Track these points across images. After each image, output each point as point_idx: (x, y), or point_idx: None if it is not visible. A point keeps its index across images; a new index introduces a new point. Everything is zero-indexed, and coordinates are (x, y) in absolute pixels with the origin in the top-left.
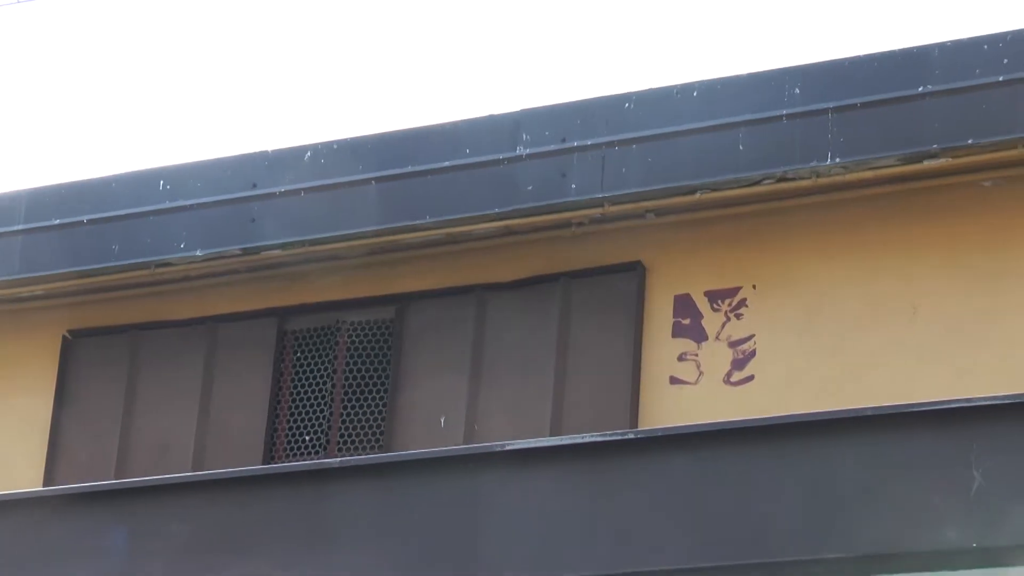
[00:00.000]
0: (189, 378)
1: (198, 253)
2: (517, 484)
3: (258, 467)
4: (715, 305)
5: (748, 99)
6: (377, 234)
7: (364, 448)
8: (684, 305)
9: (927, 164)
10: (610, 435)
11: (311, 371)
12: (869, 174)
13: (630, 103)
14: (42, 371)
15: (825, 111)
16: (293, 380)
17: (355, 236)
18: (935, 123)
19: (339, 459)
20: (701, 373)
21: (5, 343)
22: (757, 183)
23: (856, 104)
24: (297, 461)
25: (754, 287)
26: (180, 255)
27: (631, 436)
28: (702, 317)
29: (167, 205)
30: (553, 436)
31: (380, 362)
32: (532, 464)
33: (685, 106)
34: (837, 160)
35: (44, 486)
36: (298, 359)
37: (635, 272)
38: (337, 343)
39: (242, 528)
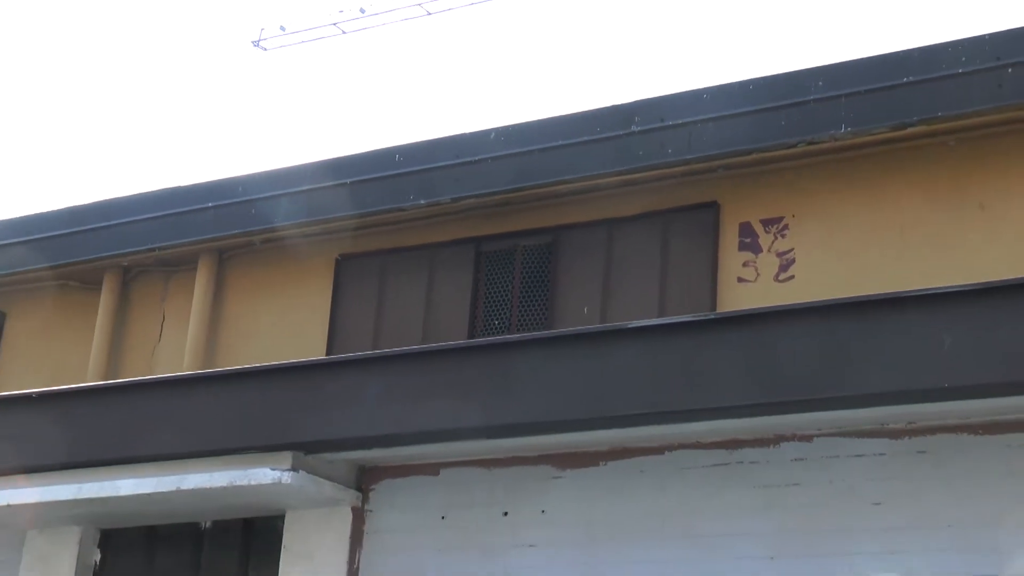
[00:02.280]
0: (417, 285)
1: (422, 202)
2: (636, 348)
3: (465, 340)
4: (767, 229)
5: (789, 89)
6: (542, 185)
7: (533, 328)
8: (745, 229)
9: (909, 130)
10: (698, 316)
11: (498, 279)
12: (869, 138)
13: (708, 95)
14: (323, 282)
15: (839, 96)
16: (486, 285)
17: (532, 187)
18: (914, 102)
19: (518, 335)
20: (758, 274)
21: (299, 263)
22: (794, 146)
23: (860, 91)
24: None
25: (793, 216)
26: (410, 204)
27: (712, 316)
28: (758, 237)
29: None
30: (659, 317)
31: (543, 272)
32: (646, 335)
33: (743, 95)
34: (848, 128)
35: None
36: (489, 271)
37: (712, 208)
38: (514, 260)
39: (452, 382)
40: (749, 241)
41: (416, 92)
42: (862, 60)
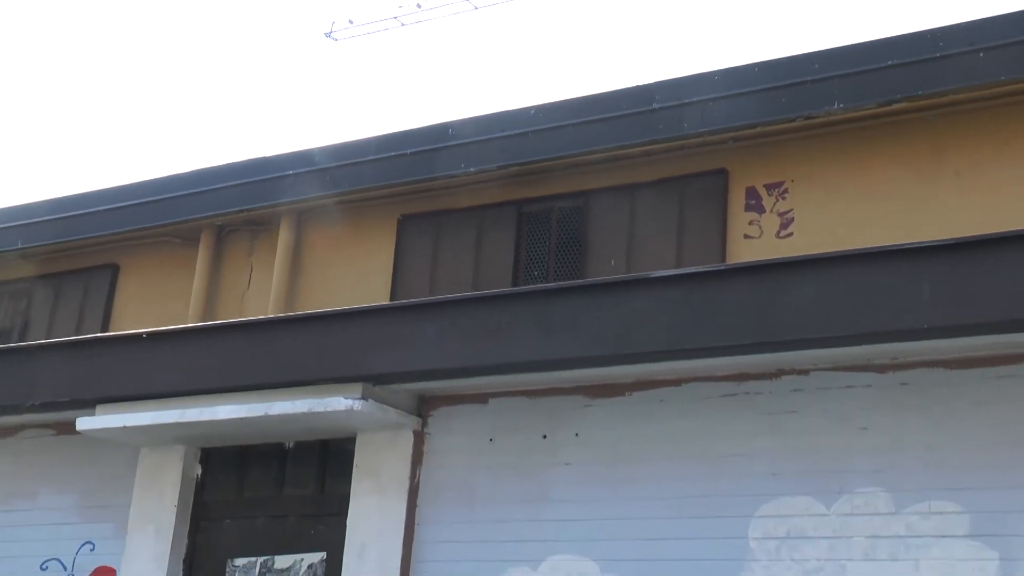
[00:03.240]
0: (467, 241)
1: (471, 169)
2: (656, 295)
3: (510, 288)
4: (769, 192)
5: (788, 71)
6: (575, 155)
7: (568, 278)
8: (751, 193)
9: (894, 106)
10: (710, 267)
11: (537, 236)
12: (859, 113)
13: (718, 77)
14: (387, 238)
15: (832, 77)
16: (527, 241)
17: (566, 156)
18: (898, 82)
19: (555, 284)
20: (762, 232)
21: (366, 222)
22: (793, 120)
23: (850, 72)
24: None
25: (792, 181)
26: (461, 171)
27: (722, 267)
28: (762, 199)
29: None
30: (676, 268)
31: (576, 230)
32: (665, 284)
33: (749, 76)
34: (840, 105)
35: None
36: (529, 229)
37: (722, 175)
38: (551, 219)
39: (498, 324)
40: (754, 203)
41: (464, 76)
42: (852, 46)
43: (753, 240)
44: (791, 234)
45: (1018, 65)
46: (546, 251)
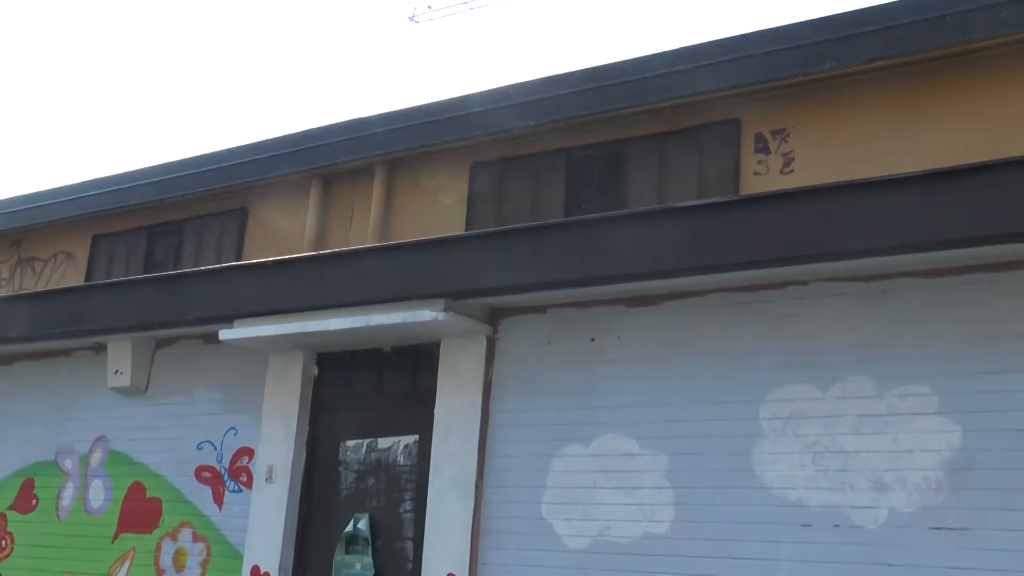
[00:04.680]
0: (527, 181)
1: (530, 123)
2: (683, 221)
3: (562, 218)
4: (774, 137)
5: (788, 36)
6: (612, 110)
7: (606, 210)
8: (759, 138)
9: (874, 64)
10: (726, 198)
11: (583, 177)
12: (846, 70)
13: (731, 43)
14: (462, 181)
15: (824, 41)
16: (575, 181)
17: (605, 111)
18: (877, 44)
19: (600, 214)
20: (768, 170)
21: (444, 168)
22: (793, 76)
23: (838, 37)
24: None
25: (793, 127)
26: (520, 125)
27: (736, 198)
28: (768, 143)
29: None
30: (697, 199)
31: (615, 171)
32: (690, 212)
33: (757, 41)
34: (831, 64)
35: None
36: (577, 171)
37: (735, 123)
38: (595, 163)
39: (554, 247)
40: (761, 146)
41: (523, 52)
42: (838, 15)
43: (761, 176)
44: (792, 171)
45: (974, 27)
46: (591, 189)
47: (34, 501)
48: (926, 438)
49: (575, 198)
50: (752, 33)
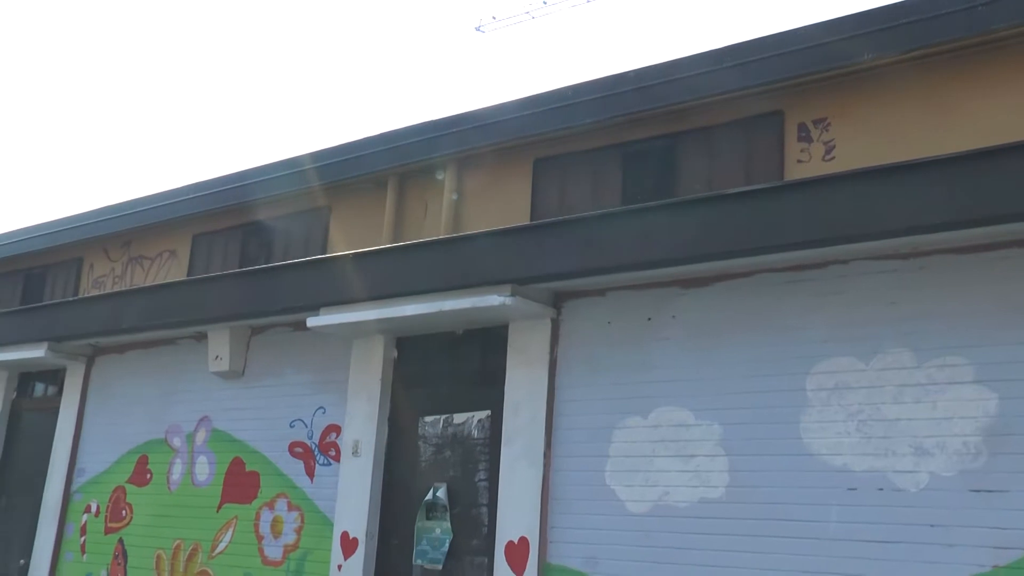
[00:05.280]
0: (585, 174)
1: (587, 121)
2: (732, 206)
3: (619, 206)
4: (816, 126)
5: (826, 31)
6: (666, 105)
7: (660, 197)
8: (802, 127)
9: (910, 54)
10: (772, 183)
11: (638, 168)
12: (883, 61)
13: (774, 40)
14: (526, 175)
15: (861, 34)
16: (630, 172)
17: (660, 107)
18: (909, 36)
19: (653, 202)
20: (811, 157)
21: (510, 164)
22: (832, 70)
23: (875, 30)
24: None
25: (833, 117)
26: (579, 123)
27: (781, 183)
28: (810, 131)
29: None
30: (745, 185)
31: (668, 162)
32: (738, 197)
33: (797, 38)
34: (868, 56)
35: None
36: (632, 163)
37: (779, 115)
38: (649, 155)
39: (611, 234)
40: (804, 135)
41: (581, 56)
42: (877, 9)
43: (804, 164)
44: (834, 158)
45: (1001, 16)
46: (646, 179)
47: (148, 475)
48: (964, 405)
49: (631, 189)
50: (795, 29)
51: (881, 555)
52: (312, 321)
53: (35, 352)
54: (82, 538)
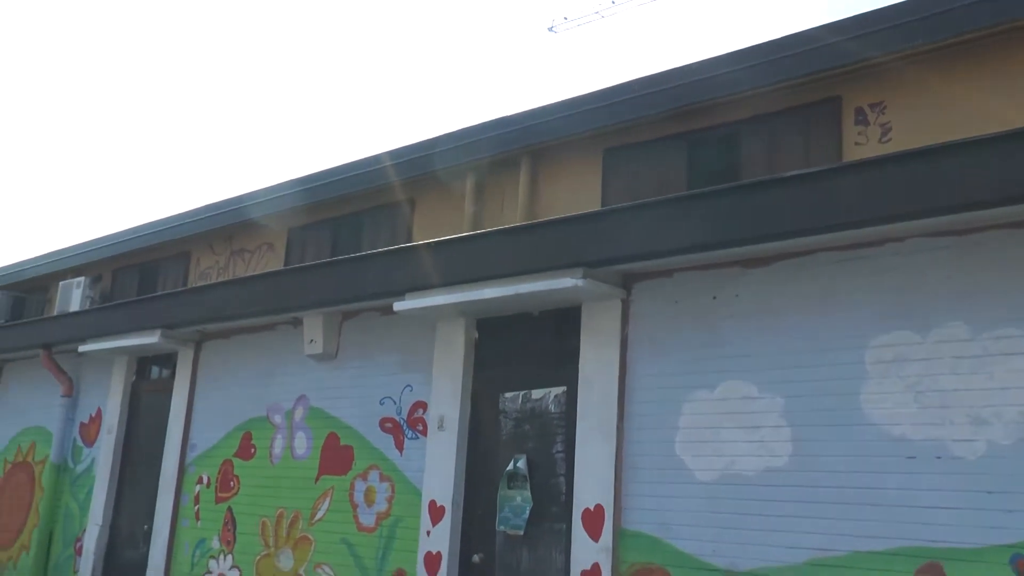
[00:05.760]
0: (652, 162)
1: (651, 112)
2: (791, 188)
3: (685, 191)
4: (872, 110)
5: (881, 19)
6: (727, 95)
7: (722, 183)
8: (859, 111)
9: (961, 37)
10: (831, 164)
11: (703, 155)
12: (934, 45)
13: (830, 28)
14: (596, 165)
15: (914, 20)
16: (695, 161)
17: (721, 96)
18: (954, 22)
19: (717, 186)
20: (868, 139)
21: (581, 155)
22: (891, 53)
23: (926, 15)
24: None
25: (889, 100)
26: (643, 114)
27: (838, 164)
28: (867, 115)
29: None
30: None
31: (731, 149)
32: (797, 180)
33: (854, 25)
34: (921, 41)
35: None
36: (697, 151)
37: (837, 100)
38: (712, 143)
39: (678, 218)
40: (861, 119)
41: (647, 54)
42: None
43: (862, 146)
44: (890, 139)
45: None
46: (708, 167)
47: (252, 450)
48: (1019, 376)
49: (695, 175)
50: (852, 16)
51: (939, 520)
52: (398, 305)
53: (150, 338)
54: (196, 506)
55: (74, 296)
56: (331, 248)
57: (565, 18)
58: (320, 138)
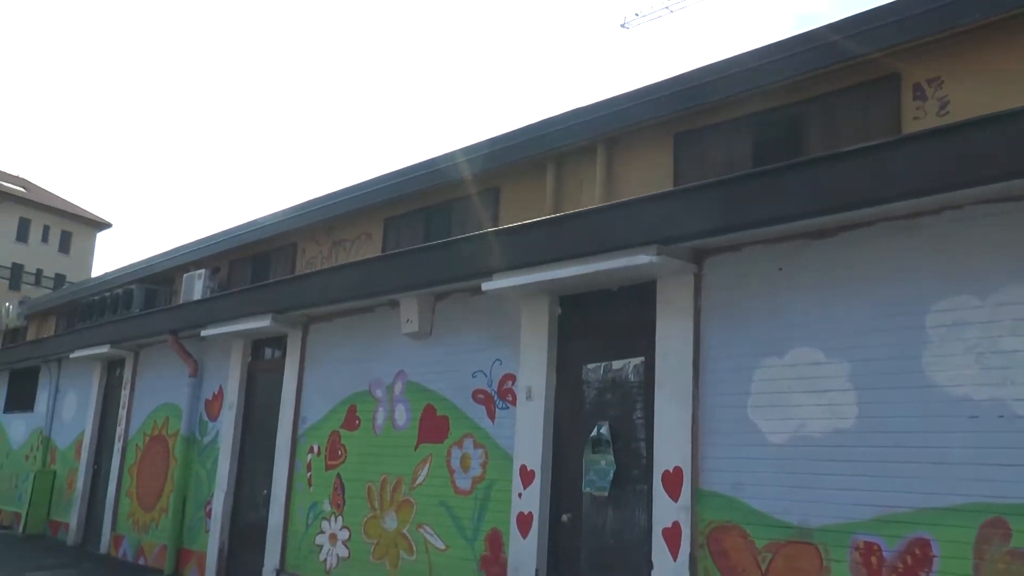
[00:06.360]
0: (719, 143)
1: (716, 98)
2: (853, 161)
3: (749, 169)
4: (929, 85)
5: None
6: (790, 76)
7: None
8: (917, 87)
9: (1015, 11)
10: (891, 137)
11: (769, 135)
12: (988, 20)
13: (887, 9)
14: (667, 147)
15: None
16: (763, 139)
17: (790, 77)
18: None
19: (783, 163)
20: (926, 113)
21: (653, 140)
22: (943, 31)
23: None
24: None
25: (945, 76)
26: (708, 100)
27: (897, 137)
28: (925, 91)
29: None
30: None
31: (797, 126)
32: (859, 152)
33: (912, 4)
34: (977, 15)
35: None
36: (762, 132)
37: (896, 77)
38: (776, 123)
39: (743, 196)
40: (919, 94)
41: (714, 44)
42: None
43: (920, 121)
44: (948, 113)
45: None
46: (773, 146)
47: (357, 421)
48: None
49: (760, 154)
50: None
51: (1002, 477)
52: (487, 286)
53: (262, 323)
54: (308, 473)
55: (196, 286)
56: (424, 235)
57: (636, 14)
58: (411, 131)
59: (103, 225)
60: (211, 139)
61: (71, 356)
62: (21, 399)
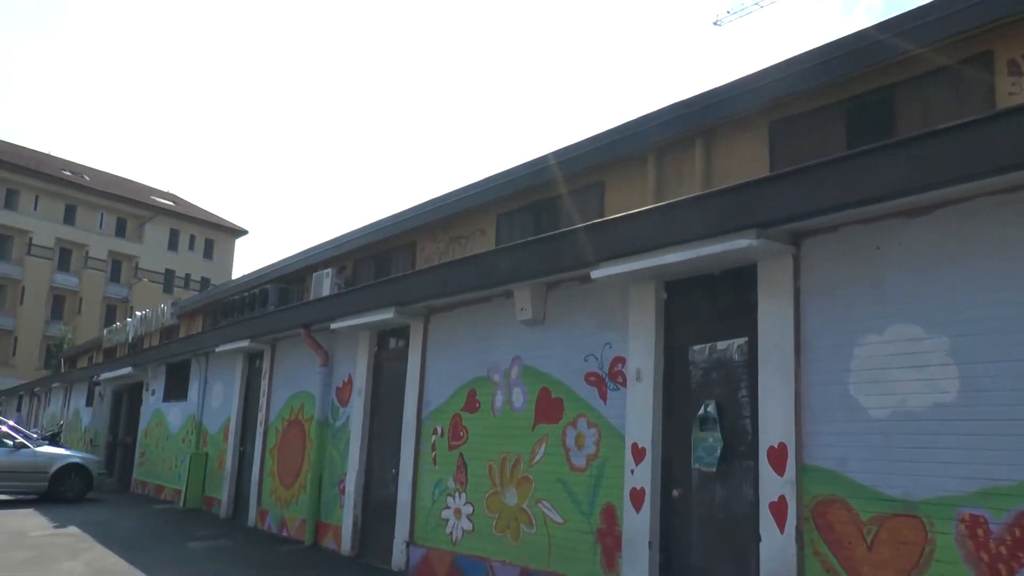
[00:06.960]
0: (813, 129)
1: (813, 85)
2: (948, 138)
3: (842, 152)
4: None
5: None
6: (883, 60)
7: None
8: (1012, 63)
9: None
10: (987, 113)
11: (863, 118)
12: None
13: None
14: (764, 133)
15: None
16: (855, 123)
17: (879, 62)
18: None
19: (876, 144)
20: (1021, 89)
21: (751, 126)
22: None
23: None
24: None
25: None
26: (805, 86)
27: (989, 113)
28: (1020, 66)
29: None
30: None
31: (889, 109)
32: (957, 129)
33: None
34: None
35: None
36: (854, 115)
37: (990, 54)
38: (868, 107)
39: (837, 177)
40: (1014, 69)
41: (803, 34)
42: None
43: (1016, 96)
44: None
45: None
46: (866, 129)
47: (477, 404)
48: None
49: (854, 138)
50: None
51: None
52: (595, 273)
53: (386, 315)
54: (433, 453)
55: (325, 284)
56: (534, 228)
57: (728, 12)
58: (518, 131)
59: (241, 232)
60: (334, 148)
61: (217, 350)
62: (176, 389)
